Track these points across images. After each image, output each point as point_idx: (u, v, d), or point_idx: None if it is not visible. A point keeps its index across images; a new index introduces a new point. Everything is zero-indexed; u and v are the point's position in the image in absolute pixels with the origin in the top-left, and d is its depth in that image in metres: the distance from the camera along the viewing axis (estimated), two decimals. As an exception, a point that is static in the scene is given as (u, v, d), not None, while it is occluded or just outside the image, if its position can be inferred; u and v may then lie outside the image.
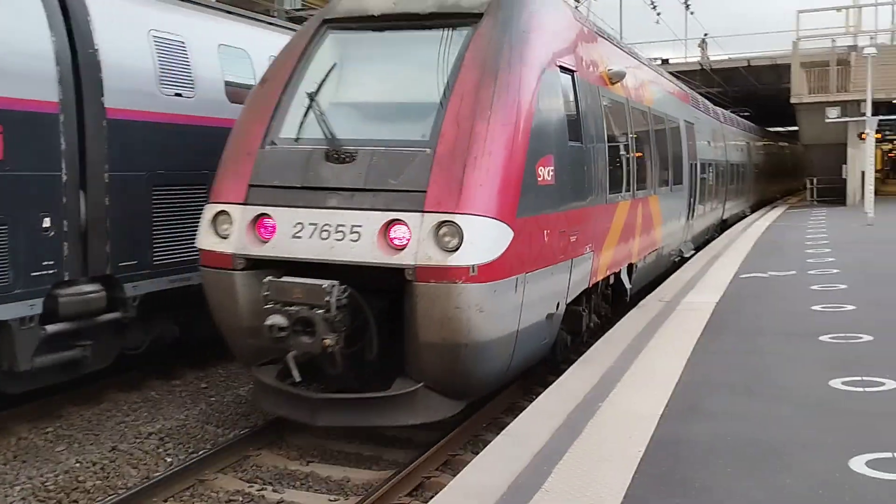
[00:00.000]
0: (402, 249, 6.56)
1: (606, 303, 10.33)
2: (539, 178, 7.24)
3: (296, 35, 8.42)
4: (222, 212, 7.31)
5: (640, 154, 11.04)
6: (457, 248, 6.46)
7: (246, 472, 7.02)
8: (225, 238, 7.22)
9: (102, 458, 7.17)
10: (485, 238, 6.55)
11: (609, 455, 5.10)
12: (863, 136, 24.02)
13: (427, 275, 6.46)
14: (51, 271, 7.85)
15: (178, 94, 9.41)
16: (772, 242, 17.82)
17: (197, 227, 7.83)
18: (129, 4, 9.14)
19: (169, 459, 7.27)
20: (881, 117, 24.06)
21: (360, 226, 6.71)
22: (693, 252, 16.18)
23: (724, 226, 22.45)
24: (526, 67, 7.30)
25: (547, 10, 8.23)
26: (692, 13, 34.04)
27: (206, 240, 7.40)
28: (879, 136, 27.14)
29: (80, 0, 8.39)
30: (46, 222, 7.80)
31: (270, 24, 12.14)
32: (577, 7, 23.55)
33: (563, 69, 8.14)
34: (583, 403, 6.22)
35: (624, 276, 10.61)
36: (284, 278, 6.79)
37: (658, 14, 29.06)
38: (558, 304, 7.96)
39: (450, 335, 6.53)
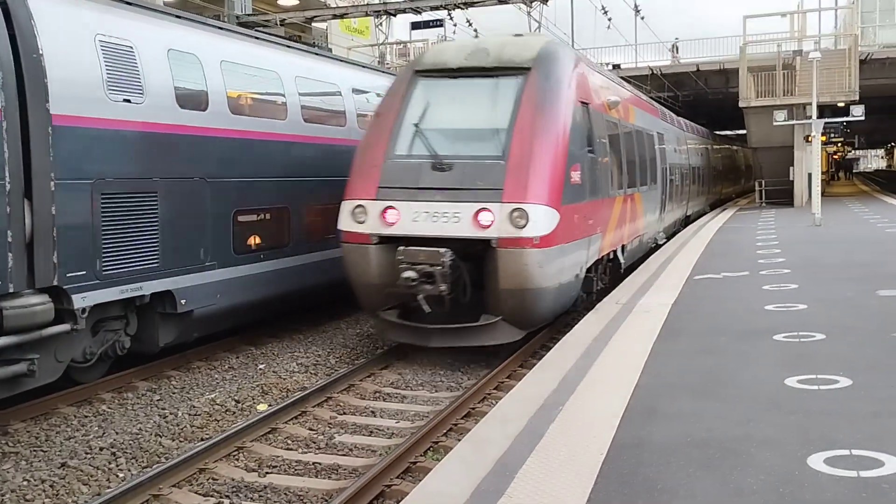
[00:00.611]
0: (488, 227, 9.63)
1: (606, 273, 13.29)
2: (572, 179, 10.36)
3: (395, 81, 11.45)
4: (359, 206, 10.20)
5: (628, 160, 14.26)
6: (525, 226, 9.54)
7: (202, 485, 6.87)
8: (361, 223, 10.15)
9: (52, 476, 6.95)
10: (542, 219, 9.65)
11: (571, 459, 5.08)
12: (809, 138, 24.54)
13: (505, 243, 9.57)
14: (-5, 283, 7.61)
15: (127, 100, 9.21)
16: (724, 244, 18.08)
17: (147, 234, 9.26)
18: (75, 9, 8.92)
19: (121, 475, 7.08)
20: (826, 120, 24.55)
21: (459, 213, 9.75)
22: (665, 240, 19.21)
23: (687, 221, 25.09)
24: (561, 104, 10.45)
25: (572, 63, 11.31)
26: (643, 18, 34.47)
27: (348, 225, 10.30)
28: (825, 138, 27.73)
29: (24, 4, 8.16)
30: (-10, 232, 7.56)
31: (221, 28, 11.97)
32: (529, 12, 23.80)
33: (583, 103, 11.23)
34: (543, 408, 6.20)
35: (619, 254, 13.86)
36: (412, 247, 9.70)
37: (609, 19, 29.34)
38: (581, 268, 11.08)
39: (520, 283, 9.63)
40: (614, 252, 13.49)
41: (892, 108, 38.02)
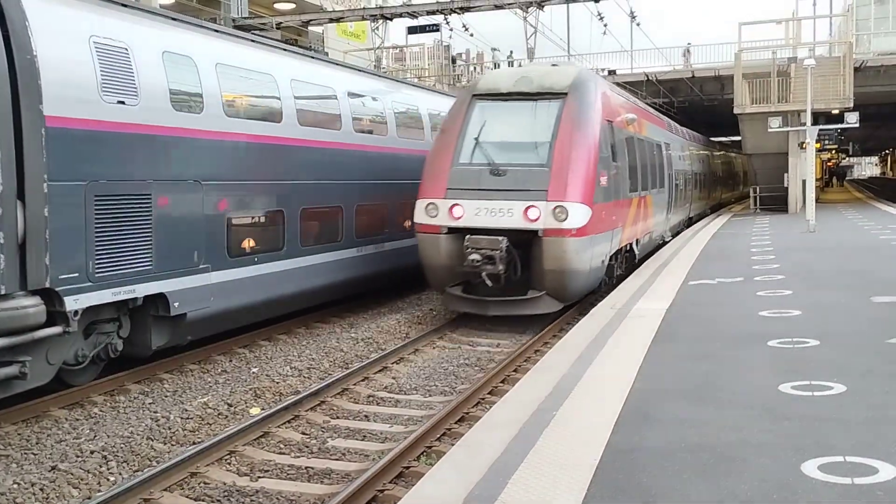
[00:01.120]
0: (536, 221, 12.09)
1: (624, 262, 15.87)
2: (601, 183, 12.86)
3: (456, 103, 14.03)
4: (431, 203, 12.72)
5: (641, 167, 16.66)
6: (565, 220, 12.02)
7: (193, 489, 6.83)
8: (433, 217, 12.68)
9: (42, 479, 6.89)
10: (578, 214, 12.14)
11: (565, 464, 5.05)
12: (803, 145, 24.56)
13: (549, 233, 12.09)
14: (-14, 285, 7.56)
15: (122, 102, 9.18)
16: (718, 249, 18.08)
17: (141, 236, 9.36)
18: (70, 10, 8.89)
19: (112, 478, 7.03)
20: (821, 127, 24.58)
21: (512, 209, 12.22)
22: (671, 238, 21.74)
23: (690, 222, 27.44)
24: (592, 123, 12.94)
25: (600, 89, 13.94)
26: (638, 24, 34.45)
27: (422, 219, 12.85)
28: (819, 145, 27.78)
29: (17, 5, 8.13)
30: (-18, 234, 7.52)
31: (217, 31, 11.94)
32: (525, 17, 23.85)
33: (608, 121, 13.70)
34: (537, 413, 6.18)
35: (634, 247, 16.54)
36: (476, 236, 12.18)
37: (605, 25, 29.29)
38: (607, 256, 13.65)
39: (560, 265, 12.17)
40: (630, 244, 16.16)
41: (887, 115, 38.16)
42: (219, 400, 9.17)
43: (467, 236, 12.21)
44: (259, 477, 7.08)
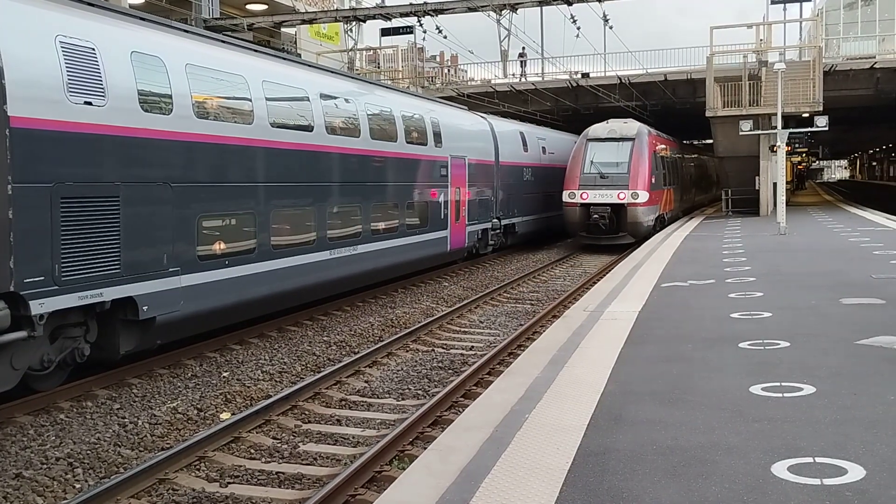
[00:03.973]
0: (623, 199, 26.28)
1: (659, 224, 28.09)
2: (652, 181, 27.21)
3: (578, 142, 28.04)
4: (571, 192, 26.76)
5: (668, 172, 30.19)
6: (637, 198, 26.35)
7: (161, 496, 6.73)
8: (573, 199, 26.77)
9: (5, 487, 6.76)
10: (643, 195, 26.51)
11: (536, 468, 5.03)
12: (774, 148, 24.81)
13: (630, 205, 26.36)
14: (-52, 289, 7.40)
15: (88, 103, 9.04)
16: (691, 251, 18.21)
17: (109, 239, 9.13)
18: (35, 9, 8.74)
19: (78, 486, 6.91)
20: (791, 130, 24.88)
21: (612, 194, 26.37)
22: (681, 215, 33.93)
23: (691, 208, 38.82)
24: (646, 153, 27.13)
25: (649, 134, 27.97)
26: (611, 27, 34.58)
27: (567, 199, 26.92)
28: (789, 148, 28.08)
29: (-19, 3, 7.99)
30: (-57, 237, 7.35)
31: (187, 32, 11.81)
32: (498, 21, 23.85)
33: (653, 151, 27.75)
34: (509, 416, 6.15)
35: (665, 217, 29.41)
36: (595, 207, 26.46)
37: (578, 28, 29.37)
38: (654, 218, 27.79)
39: (635, 220, 26.50)
40: (662, 215, 28.60)
41: (856, 119, 38.68)
42: (188, 405, 9.06)
43: (591, 207, 25.80)
44: (229, 483, 6.99)
